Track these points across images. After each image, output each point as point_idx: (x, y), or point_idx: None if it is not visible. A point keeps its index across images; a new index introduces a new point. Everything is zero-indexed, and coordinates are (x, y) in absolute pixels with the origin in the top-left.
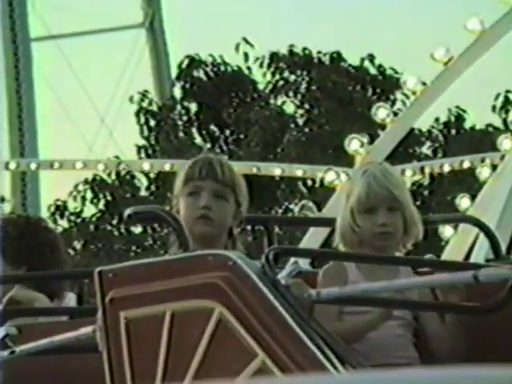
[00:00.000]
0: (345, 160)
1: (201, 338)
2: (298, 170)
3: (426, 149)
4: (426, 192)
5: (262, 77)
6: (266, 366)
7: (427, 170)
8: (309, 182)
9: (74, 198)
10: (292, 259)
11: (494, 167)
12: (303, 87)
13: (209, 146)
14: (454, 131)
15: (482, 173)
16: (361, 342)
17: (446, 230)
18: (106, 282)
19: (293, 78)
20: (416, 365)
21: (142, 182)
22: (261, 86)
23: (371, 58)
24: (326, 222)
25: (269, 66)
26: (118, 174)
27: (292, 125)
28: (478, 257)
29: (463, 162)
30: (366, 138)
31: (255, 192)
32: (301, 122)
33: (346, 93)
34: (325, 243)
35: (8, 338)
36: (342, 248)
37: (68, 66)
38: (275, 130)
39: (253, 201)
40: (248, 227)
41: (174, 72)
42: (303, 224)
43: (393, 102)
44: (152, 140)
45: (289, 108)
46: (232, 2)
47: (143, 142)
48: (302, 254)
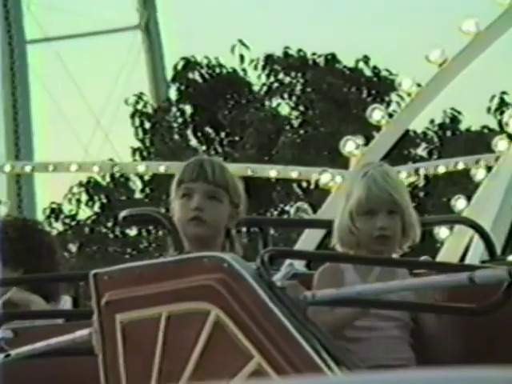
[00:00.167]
0: (340, 162)
1: (196, 340)
2: (293, 172)
3: (422, 150)
4: (421, 193)
5: (257, 79)
6: (262, 368)
7: (422, 172)
8: (304, 184)
9: (69, 200)
10: (287, 261)
11: (489, 169)
12: (298, 89)
13: (204, 148)
14: (449, 133)
15: (477, 174)
16: (357, 342)
17: (442, 232)
18: (101, 285)
19: (288, 79)
20: (412, 366)
21: (136, 184)
22: (256, 87)
23: (366, 59)
24: (321, 224)
25: (264, 67)
26: (112, 176)
27: (287, 126)
28: (473, 258)
29: (458, 164)
30: (361, 140)
31: (250, 194)
32: (296, 123)
33: (341, 94)
34: (320, 245)
35: (3, 341)
36: (339, 249)
37: (63, 68)
38: (270, 131)
39: (248, 203)
40: (243, 229)
41: (169, 74)
42: (298, 226)
43: (388, 103)
44: (147, 142)
45: (284, 110)
46: (227, 4)
47: (138, 145)
48: (298, 256)
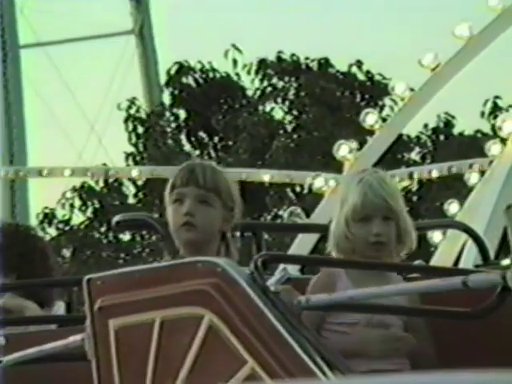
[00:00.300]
0: (333, 166)
1: (190, 345)
2: (287, 176)
3: (415, 155)
4: (414, 198)
5: (251, 83)
6: (256, 373)
7: (416, 176)
8: (297, 189)
9: (62, 205)
10: (281, 266)
11: (482, 173)
12: (291, 93)
13: (197, 152)
14: (442, 137)
15: (470, 178)
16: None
17: (435, 236)
18: (94, 290)
19: (281, 84)
20: (406, 370)
21: (130, 189)
22: (249, 92)
23: (359, 64)
24: (314, 229)
25: (257, 72)
26: (106, 181)
27: (281, 131)
28: (466, 262)
29: (452, 168)
30: (354, 144)
31: (244, 198)
32: (289, 128)
33: (334, 99)
34: (314, 249)
35: None
36: (334, 255)
37: (57, 72)
38: (264, 136)
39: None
40: (237, 233)
41: (163, 79)
42: (292, 230)
43: (381, 107)
44: (140, 147)
45: (277, 114)
46: (220, 8)
47: (132, 149)
48: (291, 261)
